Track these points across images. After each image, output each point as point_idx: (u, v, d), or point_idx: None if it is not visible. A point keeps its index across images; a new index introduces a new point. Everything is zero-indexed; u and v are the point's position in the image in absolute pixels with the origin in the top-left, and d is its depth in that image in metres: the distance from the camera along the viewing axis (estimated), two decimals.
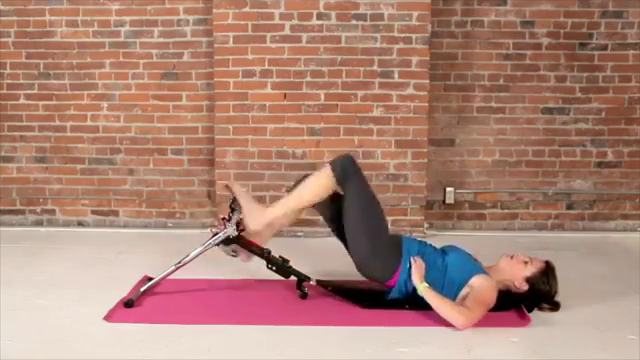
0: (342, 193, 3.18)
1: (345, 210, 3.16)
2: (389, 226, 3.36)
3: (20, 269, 3.79)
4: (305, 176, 3.28)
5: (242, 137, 4.56)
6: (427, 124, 4.55)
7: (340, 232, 3.25)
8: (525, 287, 3.09)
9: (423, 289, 2.98)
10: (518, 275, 3.10)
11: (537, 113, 4.72)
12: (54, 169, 4.83)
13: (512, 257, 3.16)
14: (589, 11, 4.62)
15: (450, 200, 4.79)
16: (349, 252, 3.22)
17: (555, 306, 3.13)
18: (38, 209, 4.87)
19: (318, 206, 3.26)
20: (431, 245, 3.28)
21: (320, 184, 3.15)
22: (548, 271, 3.13)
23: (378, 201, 3.24)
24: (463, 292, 3.03)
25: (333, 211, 3.25)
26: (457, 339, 2.83)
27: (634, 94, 4.70)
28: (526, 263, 3.12)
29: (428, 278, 3.03)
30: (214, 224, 3.39)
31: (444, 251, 3.24)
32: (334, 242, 3.35)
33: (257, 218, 3.16)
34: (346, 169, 3.13)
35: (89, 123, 4.76)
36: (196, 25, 4.65)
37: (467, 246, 3.31)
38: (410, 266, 3.08)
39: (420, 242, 3.27)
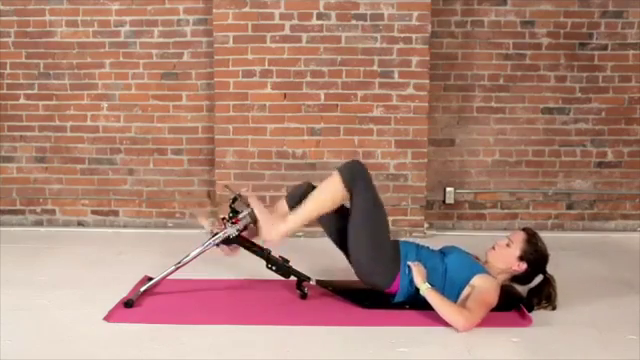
0: (349, 201, 3.14)
1: (352, 213, 3.13)
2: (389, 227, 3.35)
3: (20, 269, 3.79)
4: (298, 186, 3.31)
5: (242, 137, 4.56)
6: (427, 124, 4.55)
7: (342, 244, 3.22)
8: (524, 265, 3.10)
9: (425, 290, 2.97)
10: (511, 259, 3.10)
11: (537, 113, 4.73)
12: (54, 169, 4.83)
13: (494, 247, 3.16)
14: (589, 11, 4.62)
15: (450, 200, 4.79)
16: (350, 261, 3.20)
17: (552, 300, 3.13)
18: (38, 209, 4.87)
19: (321, 218, 3.24)
20: (428, 247, 3.27)
21: (331, 190, 3.10)
22: (531, 237, 3.13)
23: (383, 205, 3.21)
24: (465, 293, 3.02)
25: (337, 224, 3.22)
26: (457, 339, 2.83)
27: (634, 94, 4.70)
28: (508, 245, 3.12)
29: (429, 281, 3.02)
30: (214, 224, 3.38)
31: (443, 252, 3.23)
32: None
33: (275, 231, 3.12)
34: (354, 173, 3.11)
35: (89, 123, 4.76)
36: (196, 25, 4.65)
37: (467, 246, 3.30)
38: (409, 270, 3.07)
39: (417, 245, 3.26)
